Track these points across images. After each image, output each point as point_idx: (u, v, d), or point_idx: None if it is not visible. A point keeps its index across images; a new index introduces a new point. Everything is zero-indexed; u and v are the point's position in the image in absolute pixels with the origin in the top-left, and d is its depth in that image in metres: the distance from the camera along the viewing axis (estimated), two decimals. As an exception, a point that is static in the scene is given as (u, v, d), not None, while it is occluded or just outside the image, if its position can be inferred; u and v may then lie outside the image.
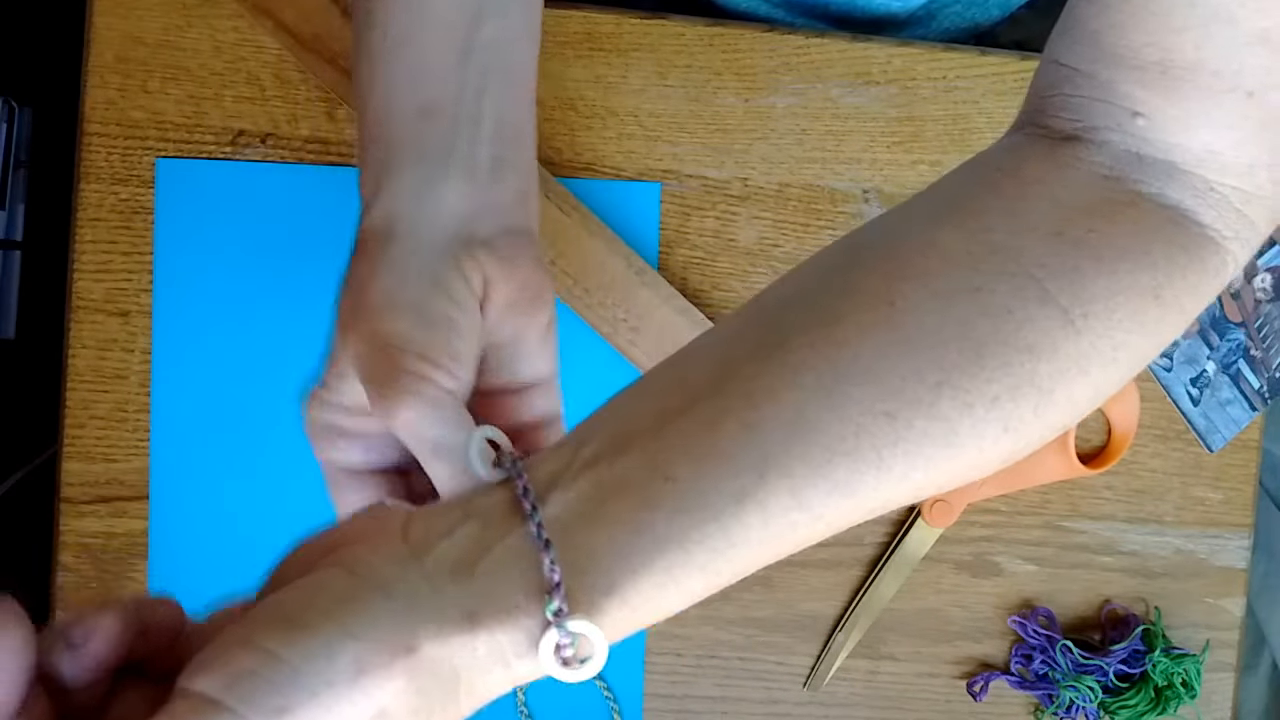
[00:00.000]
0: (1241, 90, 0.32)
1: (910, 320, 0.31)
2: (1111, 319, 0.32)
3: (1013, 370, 0.31)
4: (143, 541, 0.57)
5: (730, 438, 0.30)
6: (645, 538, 0.30)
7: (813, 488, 0.31)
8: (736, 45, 0.58)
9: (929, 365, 0.30)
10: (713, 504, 0.30)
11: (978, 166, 0.36)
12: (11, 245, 1.02)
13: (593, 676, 0.30)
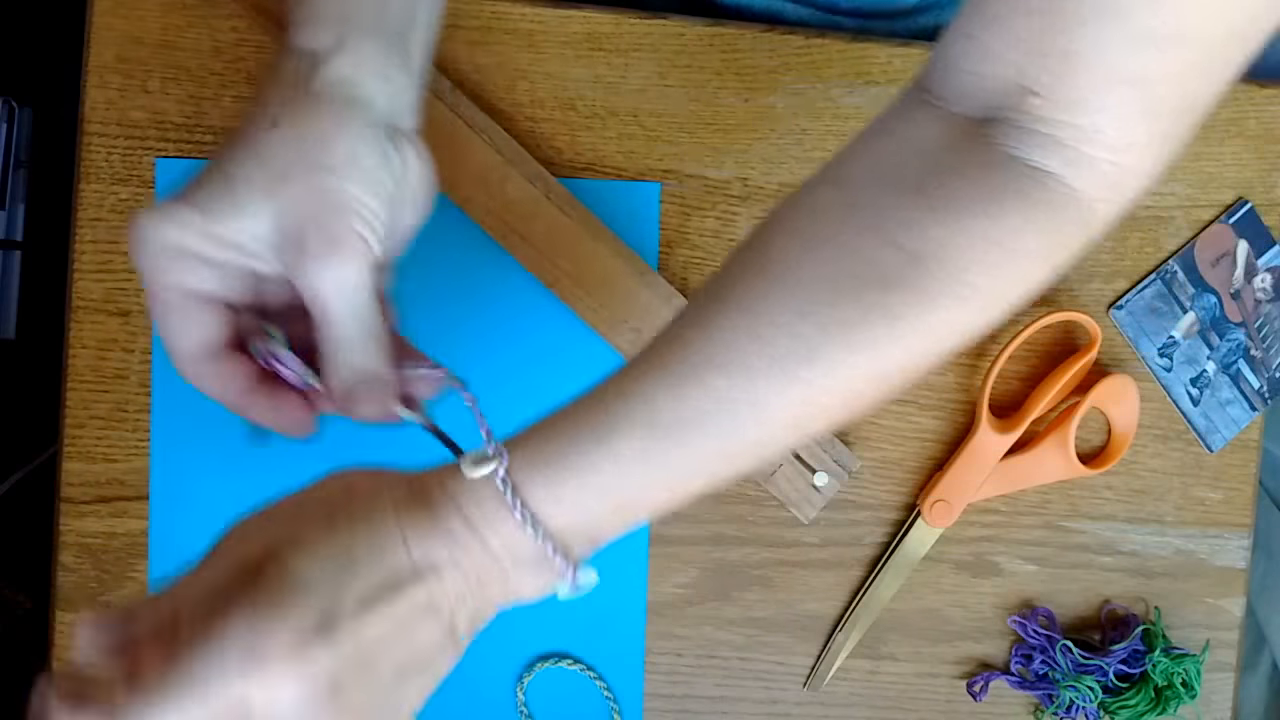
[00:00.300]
0: (1129, 81, 0.35)
1: (780, 267, 0.37)
2: (956, 262, 0.37)
3: (862, 300, 0.37)
4: (143, 541, 0.57)
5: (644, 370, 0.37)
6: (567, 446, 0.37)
7: (698, 404, 0.37)
8: (736, 45, 0.58)
9: (792, 299, 0.37)
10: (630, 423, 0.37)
11: (874, 129, 0.40)
12: (11, 245, 1.02)
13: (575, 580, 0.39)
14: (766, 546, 0.59)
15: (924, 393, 0.60)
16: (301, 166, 0.39)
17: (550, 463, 0.37)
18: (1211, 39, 0.35)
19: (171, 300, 0.39)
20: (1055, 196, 0.38)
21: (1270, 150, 0.60)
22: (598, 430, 0.37)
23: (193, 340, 0.40)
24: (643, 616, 0.59)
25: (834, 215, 0.38)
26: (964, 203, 0.37)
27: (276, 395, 0.42)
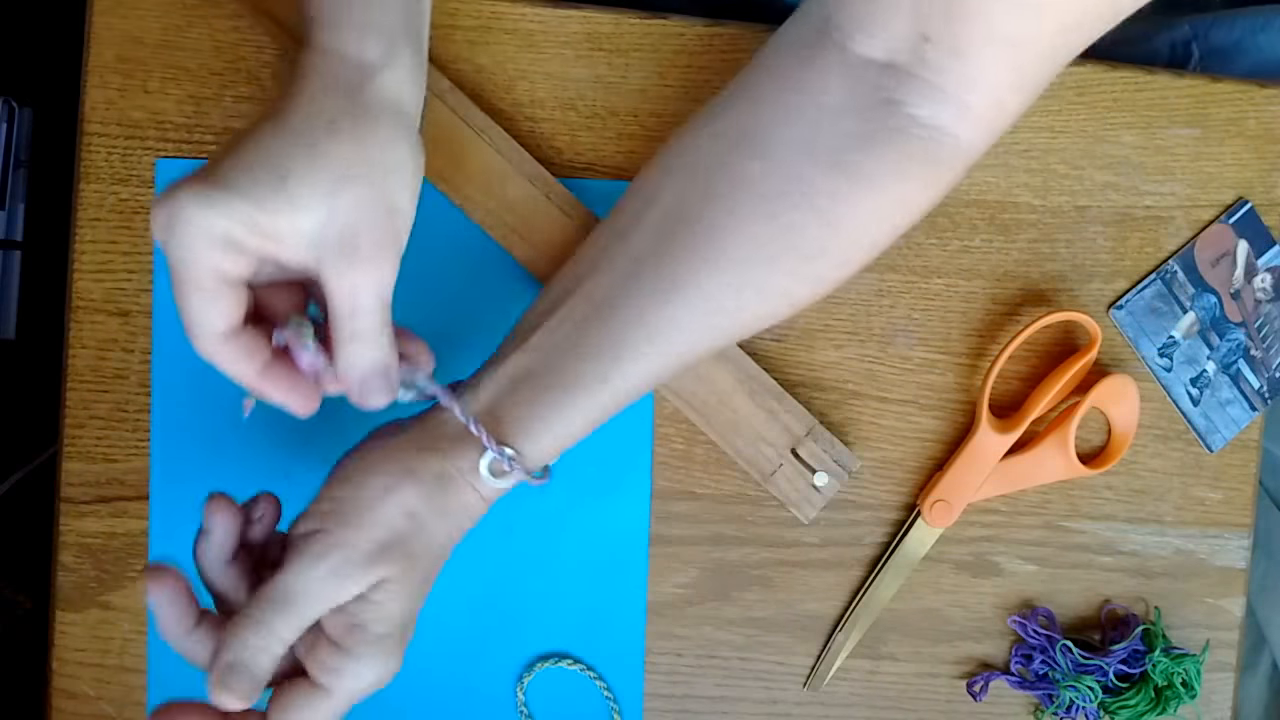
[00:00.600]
0: (1009, 39, 0.41)
1: (727, 247, 0.44)
2: (870, 228, 0.45)
3: (797, 271, 0.45)
4: (143, 541, 0.57)
5: (596, 332, 0.45)
6: (545, 410, 0.46)
7: (654, 358, 0.46)
8: (736, 45, 0.58)
9: (733, 274, 0.44)
10: (587, 385, 0.46)
11: (780, 82, 0.45)
12: (11, 245, 1.02)
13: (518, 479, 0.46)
14: (766, 546, 0.59)
15: (924, 393, 0.60)
16: (363, 172, 0.41)
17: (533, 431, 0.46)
18: (1079, 11, 0.41)
19: (203, 282, 0.40)
20: (945, 151, 0.44)
21: (1270, 150, 0.60)
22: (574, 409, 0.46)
23: (217, 321, 0.41)
24: (643, 616, 0.59)
25: (763, 189, 0.44)
26: (878, 174, 0.44)
27: (290, 376, 0.43)
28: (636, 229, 0.46)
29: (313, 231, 0.40)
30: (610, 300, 0.45)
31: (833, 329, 0.59)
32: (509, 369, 0.46)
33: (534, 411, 0.45)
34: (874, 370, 0.59)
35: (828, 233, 0.44)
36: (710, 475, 0.59)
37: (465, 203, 0.56)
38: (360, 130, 0.41)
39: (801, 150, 0.44)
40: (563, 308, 0.46)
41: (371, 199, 0.41)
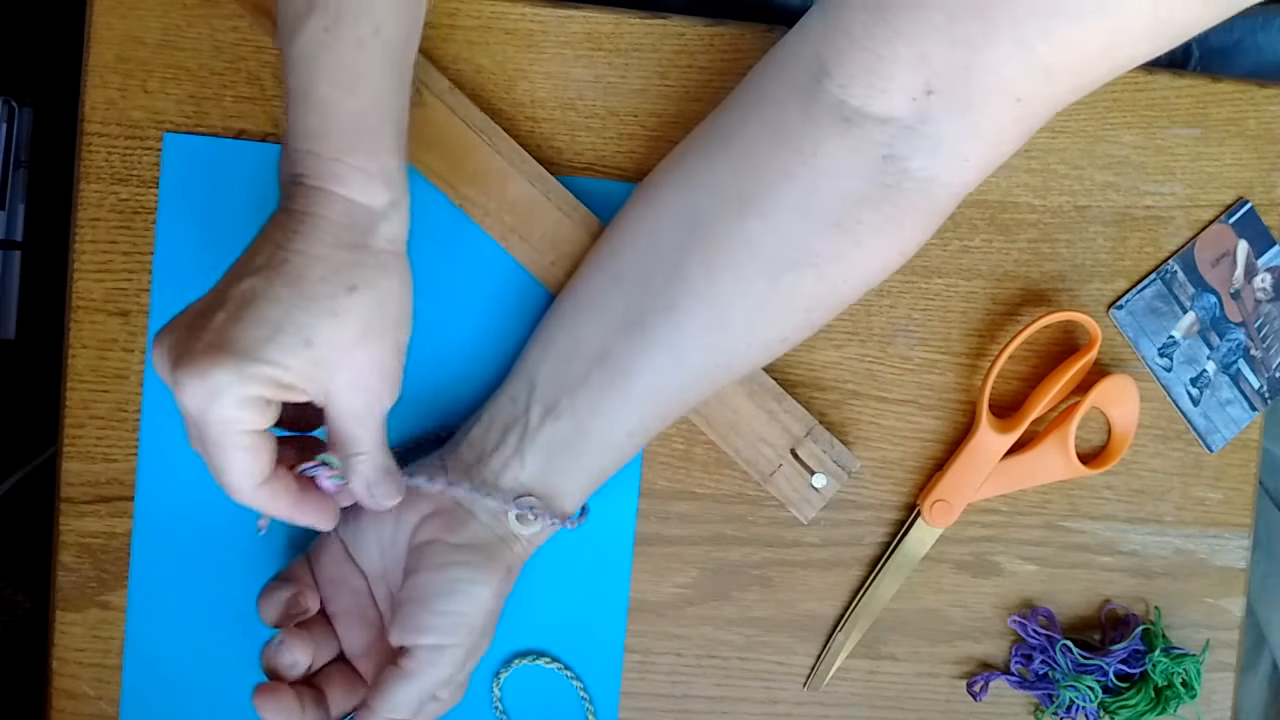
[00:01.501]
0: (1017, 97, 0.41)
1: (731, 311, 0.47)
2: (866, 280, 0.48)
3: (793, 322, 0.49)
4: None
5: (619, 400, 0.49)
6: (582, 474, 0.51)
7: (662, 410, 0.51)
8: (737, 45, 0.58)
9: (742, 335, 0.48)
10: (616, 442, 0.50)
11: (778, 143, 0.45)
12: (11, 245, 1.02)
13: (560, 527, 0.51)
14: (766, 546, 0.59)
15: (924, 393, 0.60)
16: (380, 329, 0.44)
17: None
18: (1089, 74, 0.42)
19: (242, 442, 0.41)
20: (939, 200, 0.46)
21: (1270, 150, 0.60)
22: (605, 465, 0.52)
23: (256, 473, 0.42)
24: (623, 617, 0.59)
25: (765, 252, 0.46)
26: (876, 231, 0.45)
27: (317, 500, 0.47)
28: (640, 285, 0.48)
29: (334, 385, 0.43)
30: (624, 365, 0.48)
31: (833, 329, 0.59)
32: (545, 440, 0.49)
33: (573, 477, 0.50)
34: (874, 370, 0.59)
35: (826, 288, 0.47)
36: (710, 475, 0.59)
37: (465, 203, 0.56)
38: (377, 287, 0.43)
39: (800, 212, 0.45)
40: (580, 366, 0.49)
41: (387, 349, 0.44)
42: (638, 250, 0.49)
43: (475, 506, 0.49)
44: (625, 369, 0.48)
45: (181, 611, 0.57)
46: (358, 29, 0.42)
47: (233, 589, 0.57)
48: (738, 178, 0.47)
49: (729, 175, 0.47)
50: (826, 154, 0.45)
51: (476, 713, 0.58)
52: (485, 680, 0.58)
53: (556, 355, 0.50)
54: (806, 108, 0.45)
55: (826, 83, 0.44)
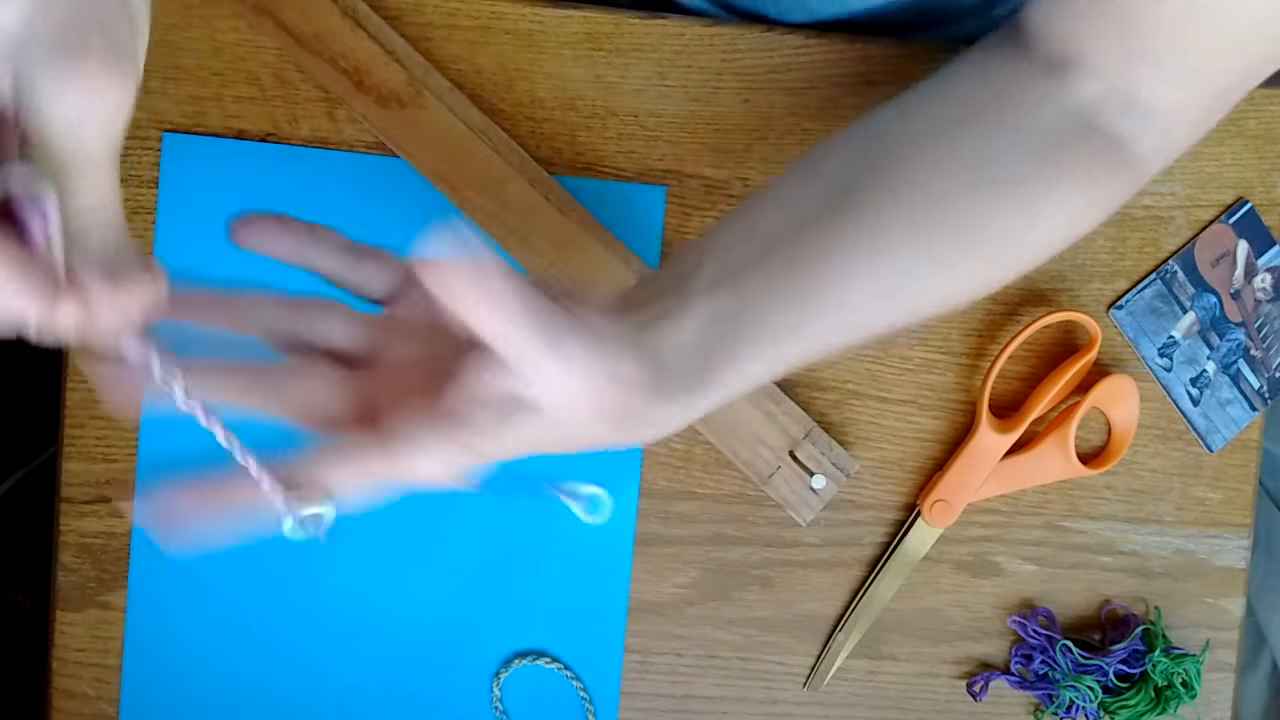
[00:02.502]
0: (1183, 77, 0.43)
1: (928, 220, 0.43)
2: (1058, 227, 0.45)
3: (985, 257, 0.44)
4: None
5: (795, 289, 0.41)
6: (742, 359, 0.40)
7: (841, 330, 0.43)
8: (736, 45, 0.58)
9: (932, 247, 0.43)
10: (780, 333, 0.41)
11: (986, 75, 0.46)
12: (11, 245, 1.01)
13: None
14: (766, 546, 0.59)
15: (924, 393, 0.60)
16: None
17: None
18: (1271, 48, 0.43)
19: None
20: (1128, 164, 0.46)
21: (1270, 150, 0.60)
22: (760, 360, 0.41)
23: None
24: (623, 617, 0.59)
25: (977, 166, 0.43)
26: (1076, 171, 0.44)
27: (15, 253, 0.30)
28: (834, 182, 0.43)
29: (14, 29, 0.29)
30: (801, 243, 0.42)
31: (833, 329, 0.59)
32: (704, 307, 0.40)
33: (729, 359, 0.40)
34: (874, 370, 0.59)
35: (1026, 224, 0.44)
36: (710, 475, 0.59)
37: (464, 204, 0.56)
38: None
39: (1013, 134, 0.44)
40: (753, 243, 0.42)
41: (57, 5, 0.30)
42: (836, 156, 0.45)
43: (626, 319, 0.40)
44: (804, 255, 0.41)
45: (181, 611, 0.57)
46: None
47: (233, 589, 0.57)
48: (945, 104, 0.46)
49: (937, 102, 0.46)
50: (1033, 92, 0.45)
51: (476, 713, 0.58)
52: (485, 680, 0.58)
53: (735, 232, 0.43)
54: (1011, 65, 0.46)
55: (1029, 45, 0.45)
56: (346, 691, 0.58)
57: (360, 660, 0.58)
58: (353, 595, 0.58)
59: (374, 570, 0.58)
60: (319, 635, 0.58)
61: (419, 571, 0.58)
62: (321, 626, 0.58)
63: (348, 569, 0.58)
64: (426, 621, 0.58)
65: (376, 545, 0.58)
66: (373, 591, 0.58)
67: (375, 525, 0.58)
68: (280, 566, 0.57)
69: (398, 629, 0.58)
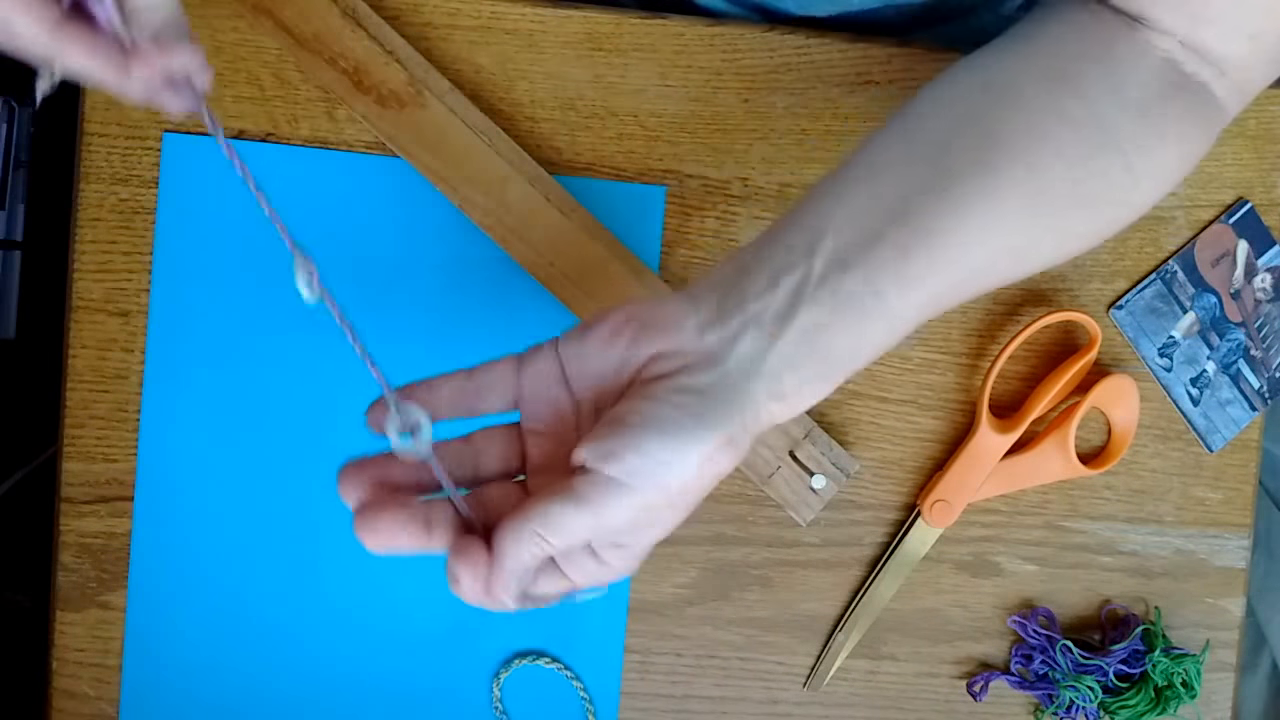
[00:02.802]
0: (1248, 33, 0.45)
1: (1045, 183, 0.43)
2: (1160, 181, 0.46)
3: (1098, 214, 0.45)
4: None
5: (921, 263, 0.41)
6: (862, 340, 0.41)
7: (960, 288, 0.43)
8: (736, 45, 0.58)
9: (1048, 214, 0.44)
10: (904, 311, 0.41)
11: (1072, 30, 0.46)
12: (11, 245, 1.02)
13: None
14: (766, 547, 0.59)
15: (924, 393, 0.60)
16: None
17: None
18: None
19: None
20: (1215, 114, 0.47)
21: (1270, 150, 0.60)
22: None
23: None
24: (623, 617, 0.59)
25: (1082, 130, 0.44)
26: (1174, 127, 0.45)
27: (89, 35, 0.39)
28: (946, 150, 0.43)
29: None
30: (930, 226, 0.42)
31: (833, 329, 0.59)
32: (829, 293, 0.41)
33: (850, 341, 0.41)
34: (874, 370, 0.59)
35: (1130, 181, 0.45)
36: (710, 475, 0.59)
37: (464, 203, 0.56)
38: None
39: (1113, 95, 0.44)
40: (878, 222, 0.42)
41: None
42: (941, 117, 0.45)
43: (729, 352, 0.40)
44: (931, 229, 0.41)
45: (181, 611, 0.57)
46: None
47: (233, 589, 0.57)
48: (1045, 58, 0.46)
49: (1035, 56, 0.46)
50: (1121, 45, 0.45)
51: (476, 713, 0.59)
52: (486, 680, 0.58)
53: (850, 207, 0.42)
54: (1093, 11, 0.46)
55: (1103, 2, 0.46)
56: (347, 691, 0.58)
57: (360, 660, 0.58)
58: (353, 595, 0.58)
59: (374, 570, 0.58)
60: (319, 635, 0.58)
61: (419, 571, 0.58)
62: (321, 626, 0.58)
63: (348, 569, 0.58)
64: (426, 621, 0.58)
65: (376, 545, 0.58)
66: (373, 591, 0.58)
67: (375, 525, 0.57)
68: (280, 566, 0.57)
69: (398, 629, 0.58)
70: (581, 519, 0.38)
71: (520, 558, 0.38)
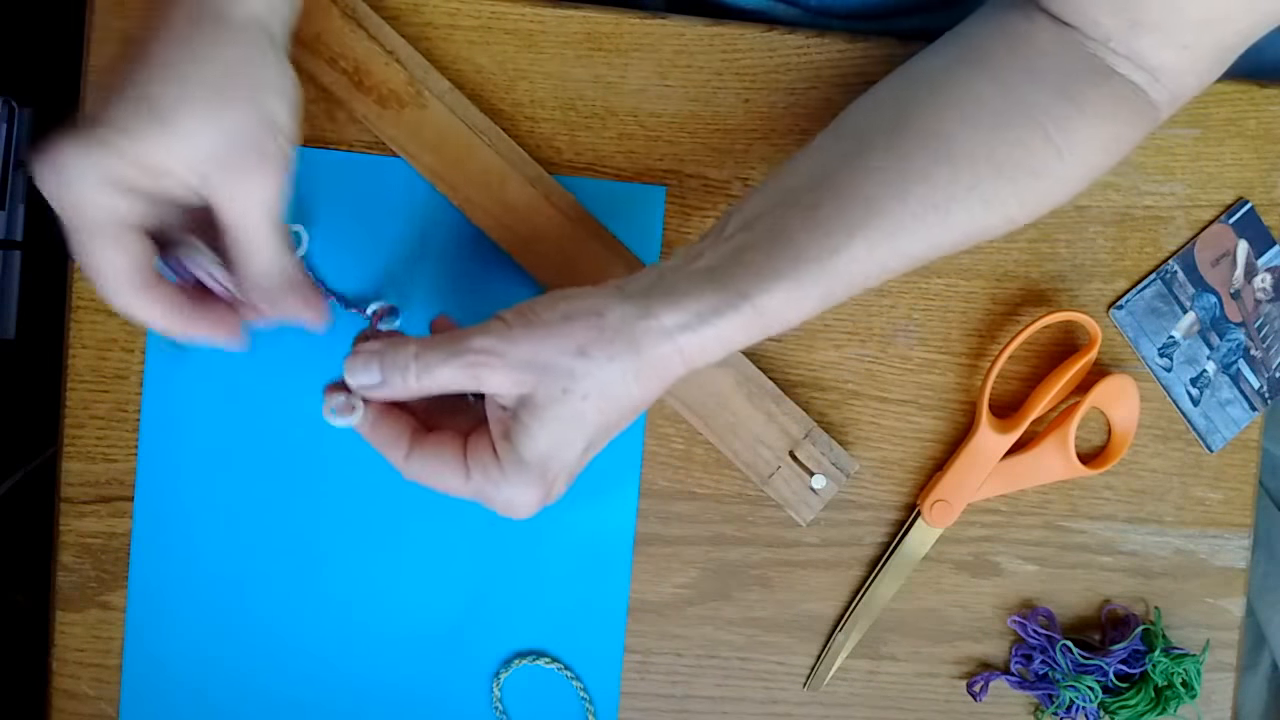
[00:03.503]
0: (1183, 43, 0.46)
1: (957, 148, 0.45)
2: (1090, 157, 0.47)
3: (1018, 183, 0.46)
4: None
5: (831, 215, 0.44)
6: (769, 277, 0.43)
7: (882, 244, 0.44)
8: (736, 45, 0.58)
9: (965, 174, 0.45)
10: (817, 255, 0.43)
11: (998, 27, 0.48)
12: (11, 245, 1.02)
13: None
14: (766, 547, 0.59)
15: (924, 393, 0.60)
16: (235, 93, 0.42)
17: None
18: (1255, 21, 0.45)
19: (102, 228, 0.40)
20: (1143, 104, 0.48)
21: (1270, 150, 0.60)
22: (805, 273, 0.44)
23: (125, 269, 0.41)
24: (623, 617, 0.59)
25: (996, 106, 0.46)
26: (1099, 106, 0.47)
27: (210, 309, 0.44)
28: (866, 129, 0.46)
29: (195, 157, 0.41)
30: (839, 183, 0.44)
31: (833, 329, 0.59)
32: (736, 242, 0.44)
33: (768, 266, 0.43)
34: (874, 370, 0.59)
35: (1053, 154, 0.46)
36: (710, 475, 0.59)
37: (465, 204, 0.56)
38: (225, 54, 0.42)
39: (1030, 78, 0.46)
40: (786, 188, 0.45)
41: (248, 117, 0.42)
42: (864, 107, 0.48)
43: (631, 284, 0.44)
44: (841, 190, 0.44)
45: (181, 611, 0.57)
46: None
47: (233, 589, 0.57)
48: (963, 50, 0.48)
49: (955, 49, 0.48)
50: (1046, 40, 0.47)
51: (476, 713, 0.59)
52: (486, 680, 0.58)
53: (765, 187, 0.46)
54: (1027, 15, 0.48)
55: (1040, 11, 0.48)
56: (346, 691, 0.58)
57: (360, 660, 0.58)
58: (353, 595, 0.58)
59: (374, 570, 0.58)
60: (319, 635, 0.58)
61: (419, 571, 0.58)
62: (321, 626, 0.58)
63: (348, 569, 0.58)
64: (426, 621, 0.58)
65: (377, 545, 0.58)
66: (373, 591, 0.58)
67: (375, 525, 0.58)
68: (280, 566, 0.57)
69: (398, 629, 0.58)
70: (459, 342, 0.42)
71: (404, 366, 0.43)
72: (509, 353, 0.42)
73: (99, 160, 0.39)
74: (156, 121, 0.40)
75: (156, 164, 0.40)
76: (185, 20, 0.42)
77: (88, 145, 0.39)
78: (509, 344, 0.42)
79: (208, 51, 0.41)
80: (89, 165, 0.39)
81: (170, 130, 0.40)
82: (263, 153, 0.42)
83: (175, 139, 0.40)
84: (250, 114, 0.42)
